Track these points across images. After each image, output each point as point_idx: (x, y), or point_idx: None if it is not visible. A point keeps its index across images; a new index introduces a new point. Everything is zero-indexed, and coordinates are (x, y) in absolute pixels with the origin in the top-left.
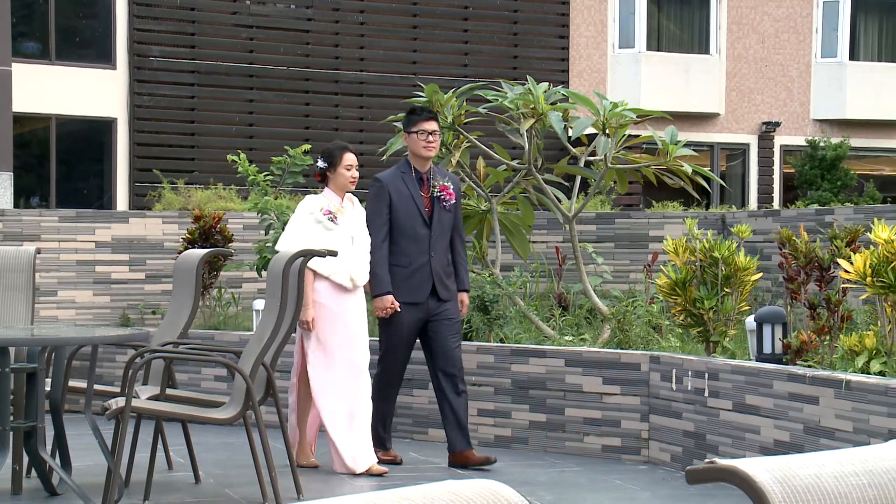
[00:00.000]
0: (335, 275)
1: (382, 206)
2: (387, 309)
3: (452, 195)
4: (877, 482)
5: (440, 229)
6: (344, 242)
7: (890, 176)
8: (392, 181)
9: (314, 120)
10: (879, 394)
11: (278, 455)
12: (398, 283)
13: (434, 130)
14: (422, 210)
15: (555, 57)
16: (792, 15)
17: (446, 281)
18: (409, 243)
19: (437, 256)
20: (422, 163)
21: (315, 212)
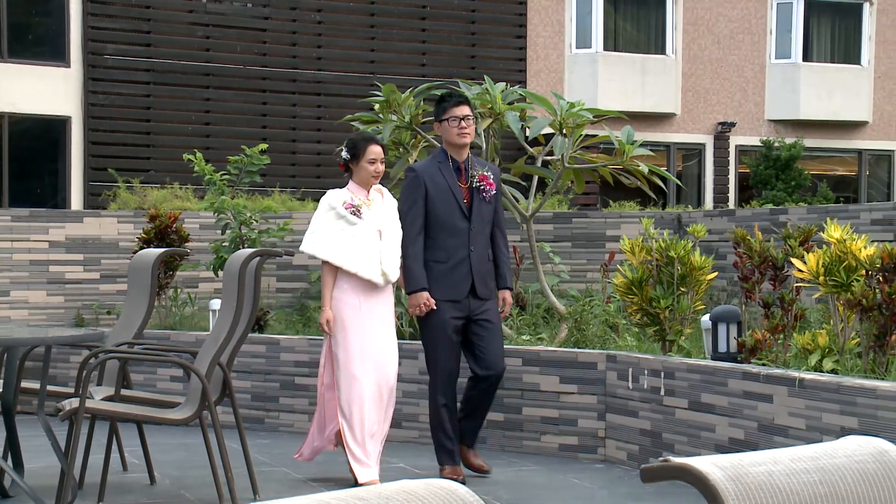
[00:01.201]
0: (363, 270)
1: (418, 198)
2: (421, 306)
3: (493, 185)
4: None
5: (480, 222)
6: (370, 237)
7: (843, 176)
8: (428, 171)
9: (271, 119)
10: (832, 392)
11: (235, 456)
12: (436, 280)
13: (466, 115)
14: (460, 201)
15: (512, 57)
16: (747, 16)
17: (486, 278)
18: (447, 237)
19: (478, 251)
20: (458, 151)
21: (337, 206)
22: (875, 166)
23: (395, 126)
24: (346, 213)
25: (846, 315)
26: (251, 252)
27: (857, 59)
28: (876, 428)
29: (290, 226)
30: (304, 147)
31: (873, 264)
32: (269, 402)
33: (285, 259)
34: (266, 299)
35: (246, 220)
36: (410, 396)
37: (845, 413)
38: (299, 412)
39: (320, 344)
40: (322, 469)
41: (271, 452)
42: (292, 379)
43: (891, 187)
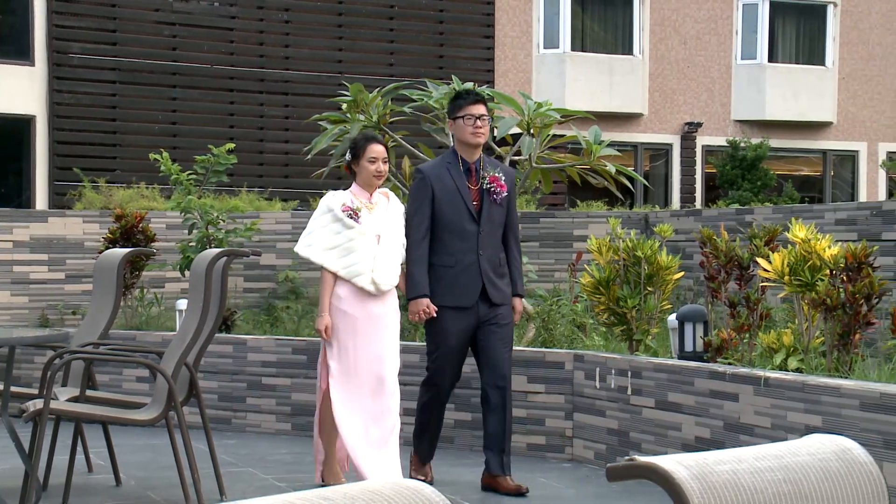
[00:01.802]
0: (357, 278)
1: (424, 201)
2: (420, 313)
3: (504, 187)
4: (792, 477)
5: (490, 225)
6: (366, 243)
7: (808, 176)
8: (435, 172)
9: (239, 119)
10: (797, 390)
11: (201, 456)
12: (444, 286)
13: (482, 115)
14: (469, 204)
15: (480, 57)
16: (713, 17)
17: (498, 282)
18: (455, 241)
19: (487, 255)
20: (470, 152)
21: (335, 208)
22: (839, 167)
23: (363, 126)
24: (342, 217)
25: (811, 314)
26: (218, 252)
27: (822, 61)
28: (840, 426)
29: (257, 226)
30: (272, 147)
31: (837, 264)
32: (236, 402)
33: (252, 259)
34: (233, 299)
35: (213, 220)
36: None
37: (810, 411)
38: (266, 412)
39: (287, 344)
40: (289, 469)
41: (238, 453)
42: (259, 379)
43: (855, 187)
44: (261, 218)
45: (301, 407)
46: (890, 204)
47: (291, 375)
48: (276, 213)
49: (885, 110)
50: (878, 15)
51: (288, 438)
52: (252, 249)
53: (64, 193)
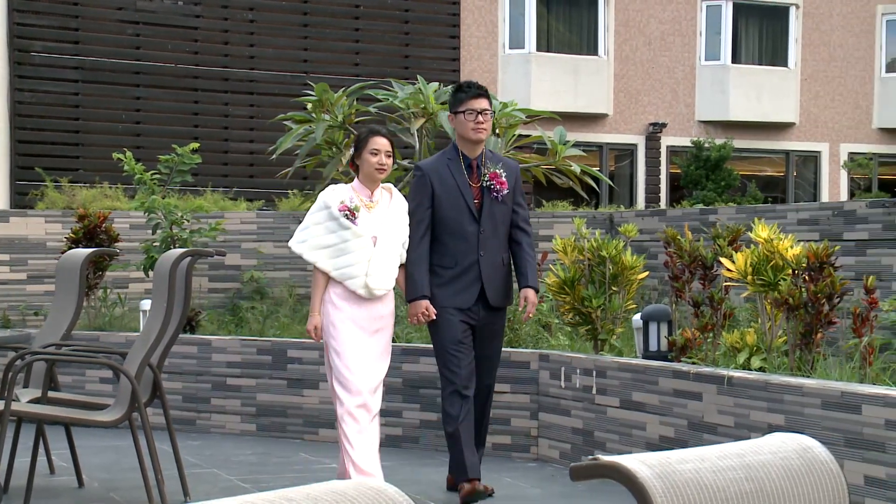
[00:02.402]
0: (350, 281)
1: (423, 198)
2: (419, 315)
3: (505, 184)
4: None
5: (491, 224)
6: (362, 245)
7: (771, 176)
8: (435, 169)
9: (203, 118)
10: (759, 389)
11: (165, 457)
12: (442, 287)
13: (485, 109)
14: (469, 202)
15: (446, 57)
16: (677, 18)
17: (498, 285)
18: (455, 241)
19: (488, 256)
20: (471, 147)
21: (332, 206)
22: (802, 167)
23: (329, 125)
24: (339, 216)
25: (773, 314)
26: (182, 252)
27: (784, 62)
28: (802, 424)
29: (221, 225)
30: (237, 146)
31: (799, 264)
32: (200, 403)
33: (217, 259)
34: (198, 300)
35: (177, 220)
36: None
37: (772, 410)
38: (231, 413)
39: (252, 345)
40: (253, 469)
41: (202, 454)
42: (224, 380)
43: (817, 188)
44: (225, 218)
45: (266, 408)
46: (851, 204)
47: (256, 376)
48: (241, 213)
49: (847, 111)
50: (839, 17)
51: (253, 439)
52: (216, 249)
53: (26, 193)
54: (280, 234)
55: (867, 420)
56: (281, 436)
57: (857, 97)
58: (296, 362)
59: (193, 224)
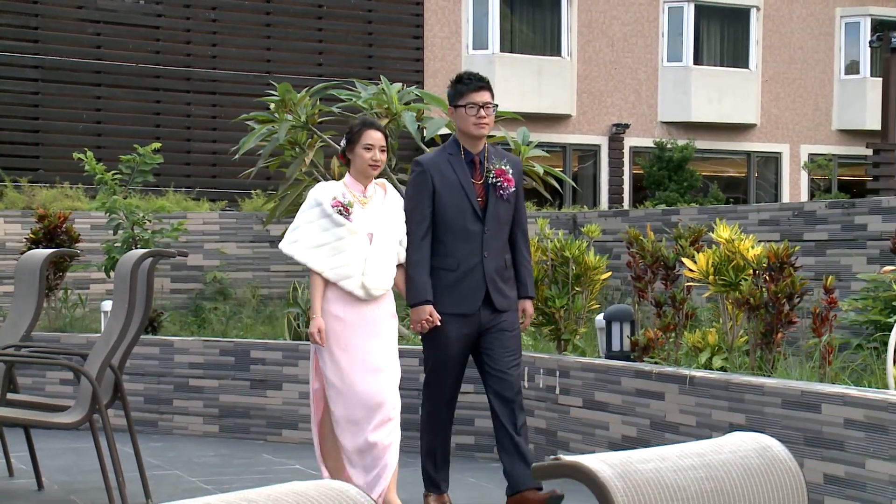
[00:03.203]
0: (346, 281)
1: (423, 196)
2: (423, 322)
3: (511, 181)
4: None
5: (496, 224)
6: (357, 242)
7: (733, 177)
8: (436, 165)
9: (165, 118)
10: (721, 388)
11: (126, 459)
12: (443, 290)
13: (487, 103)
14: (473, 200)
15: (409, 57)
16: (640, 19)
17: (503, 287)
18: (456, 241)
19: (492, 257)
20: (473, 143)
21: (324, 202)
22: (763, 168)
23: (291, 126)
24: (331, 212)
25: (735, 313)
26: (144, 252)
27: (746, 63)
28: (762, 423)
29: (184, 226)
30: (199, 146)
31: (760, 264)
32: (162, 404)
33: (179, 259)
34: (160, 300)
35: (138, 221)
36: (306, 397)
37: (734, 410)
38: (193, 414)
39: (215, 345)
40: (216, 471)
41: (164, 455)
42: (187, 381)
43: (778, 188)
44: (188, 218)
45: (229, 409)
46: (811, 205)
47: (219, 377)
48: (204, 214)
49: (807, 113)
50: (799, 19)
51: (215, 440)
52: (178, 250)
53: None
54: (243, 234)
55: (826, 419)
56: (244, 437)
57: (817, 99)
58: (259, 363)
59: (155, 224)
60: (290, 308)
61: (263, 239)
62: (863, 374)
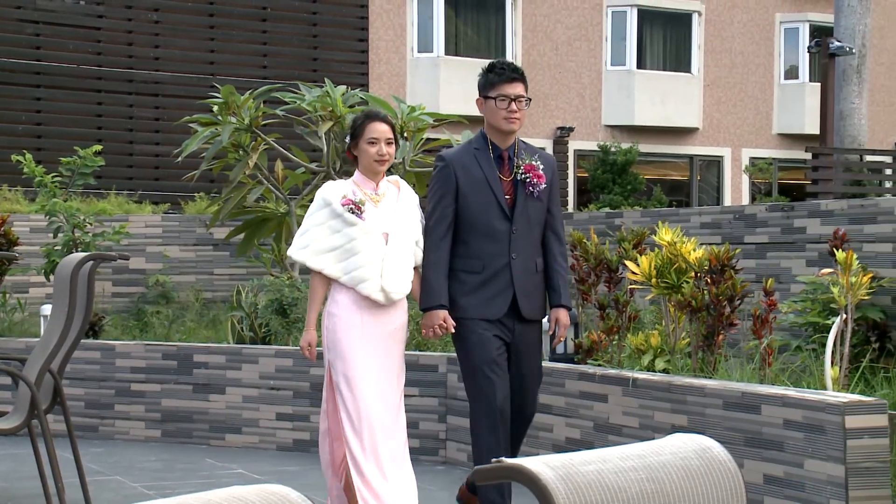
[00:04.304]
0: (363, 285)
1: (446, 192)
2: (435, 328)
3: (543, 178)
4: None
5: (525, 223)
6: (372, 242)
7: (676, 180)
8: (461, 160)
9: (107, 120)
10: (663, 390)
11: (66, 465)
12: (467, 294)
13: (520, 96)
14: (500, 198)
15: (354, 60)
16: (583, 23)
17: (532, 294)
18: (482, 241)
19: (521, 259)
20: (502, 137)
21: (334, 202)
22: (705, 171)
23: (235, 128)
24: (342, 211)
25: (677, 316)
26: (84, 256)
27: (688, 68)
28: (703, 425)
29: (126, 229)
30: (142, 149)
31: (702, 266)
32: (103, 409)
33: (121, 263)
34: (101, 304)
35: (79, 224)
36: (250, 401)
37: (676, 411)
38: (135, 419)
39: (157, 349)
40: (157, 476)
41: (105, 461)
42: (128, 385)
43: (720, 191)
44: (130, 221)
45: (171, 413)
46: (752, 208)
47: (161, 381)
48: (147, 217)
49: (748, 117)
50: (739, 24)
51: (157, 445)
52: (120, 253)
53: None
54: (186, 237)
55: (766, 420)
56: (186, 442)
57: (758, 103)
58: (202, 367)
59: (96, 227)
60: (233, 311)
61: (207, 242)
62: (802, 375)
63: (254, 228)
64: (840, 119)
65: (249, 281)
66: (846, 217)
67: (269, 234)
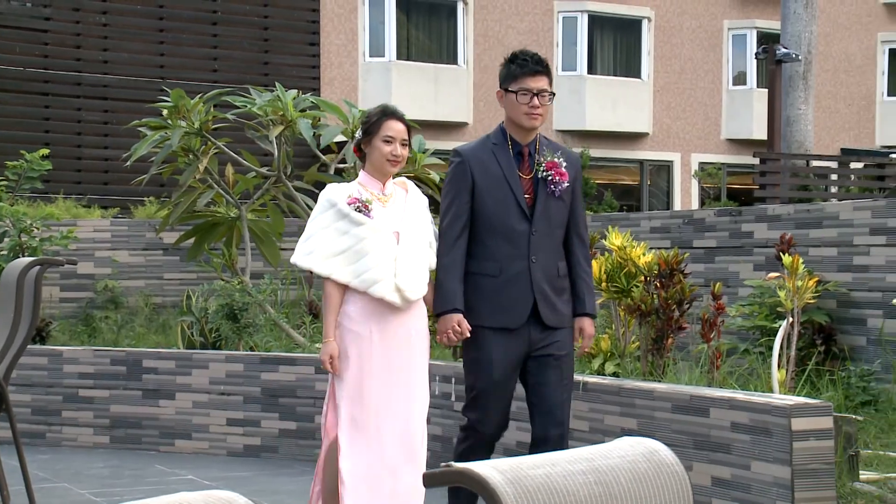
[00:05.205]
0: (375, 287)
1: (461, 190)
2: (450, 332)
3: (566, 176)
4: (603, 479)
5: (546, 224)
6: (382, 241)
7: (627, 185)
8: (477, 156)
9: (54, 123)
10: (613, 394)
11: (12, 473)
12: (483, 300)
13: (543, 90)
14: (519, 197)
15: (306, 64)
16: (535, 29)
17: (554, 299)
18: (500, 243)
19: (542, 262)
20: (522, 133)
21: (339, 203)
22: (656, 176)
23: (185, 132)
24: (349, 211)
25: (627, 320)
26: (31, 261)
27: (638, 73)
28: (653, 428)
29: (74, 233)
30: (90, 153)
31: (651, 271)
32: (51, 415)
33: (68, 268)
34: (48, 309)
35: (26, 228)
36: (200, 406)
37: (625, 415)
38: (83, 425)
39: (106, 355)
40: (105, 483)
41: (53, 468)
42: (76, 391)
43: (670, 196)
44: (78, 226)
45: (120, 419)
46: (700, 213)
47: (110, 387)
48: (95, 221)
49: (697, 122)
50: (688, 31)
51: (105, 452)
52: (67, 258)
53: None
54: (135, 241)
55: (714, 423)
56: (135, 448)
57: (707, 109)
58: (151, 372)
59: (44, 232)
60: (183, 316)
61: (156, 247)
62: (749, 378)
63: (204, 233)
64: (787, 125)
65: (200, 286)
66: (793, 222)
67: (220, 239)
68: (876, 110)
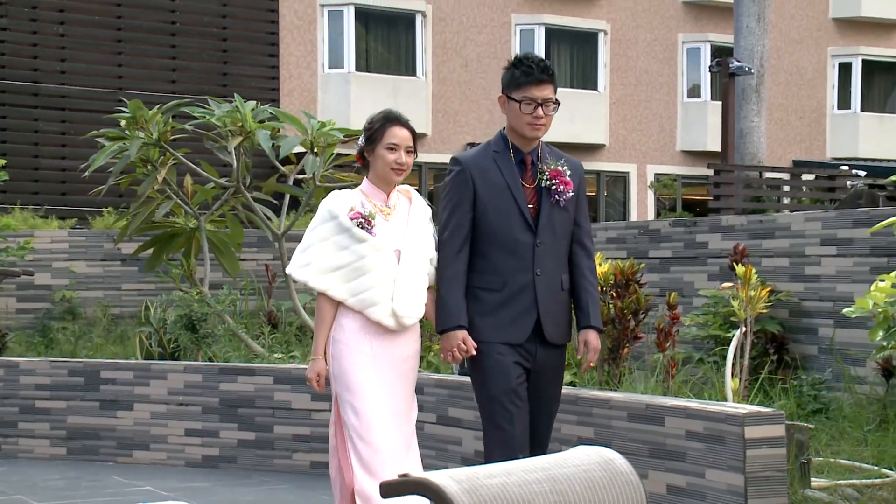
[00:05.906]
0: (372, 309)
1: (462, 200)
2: (454, 350)
3: (570, 185)
4: (558, 488)
5: (551, 235)
6: (383, 261)
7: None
8: (479, 164)
9: (11, 134)
10: (570, 403)
11: None
12: (485, 315)
13: (548, 99)
14: (523, 207)
15: (265, 75)
16: (493, 41)
17: (558, 315)
18: (502, 256)
19: (546, 276)
20: (525, 140)
21: (340, 215)
22: (612, 187)
23: (143, 143)
24: (350, 226)
25: None
26: None
27: (595, 85)
28: (609, 436)
29: (31, 244)
30: (48, 163)
31: (608, 281)
32: (7, 427)
33: (25, 279)
34: (5, 320)
35: None
36: (158, 417)
37: (582, 423)
38: (40, 437)
39: (63, 366)
40: (61, 495)
41: (8, 480)
42: (33, 403)
43: (626, 207)
44: (35, 236)
45: (78, 430)
46: (656, 223)
47: (68, 398)
48: (53, 232)
49: (653, 134)
50: (643, 43)
51: (63, 463)
52: (24, 269)
53: None
54: (93, 252)
55: (669, 431)
56: (93, 459)
57: (662, 121)
58: (109, 383)
59: (0, 243)
60: (141, 327)
61: (115, 257)
62: (704, 387)
63: (162, 244)
64: (740, 137)
65: (158, 296)
66: (746, 232)
67: (178, 250)
68: (827, 123)
